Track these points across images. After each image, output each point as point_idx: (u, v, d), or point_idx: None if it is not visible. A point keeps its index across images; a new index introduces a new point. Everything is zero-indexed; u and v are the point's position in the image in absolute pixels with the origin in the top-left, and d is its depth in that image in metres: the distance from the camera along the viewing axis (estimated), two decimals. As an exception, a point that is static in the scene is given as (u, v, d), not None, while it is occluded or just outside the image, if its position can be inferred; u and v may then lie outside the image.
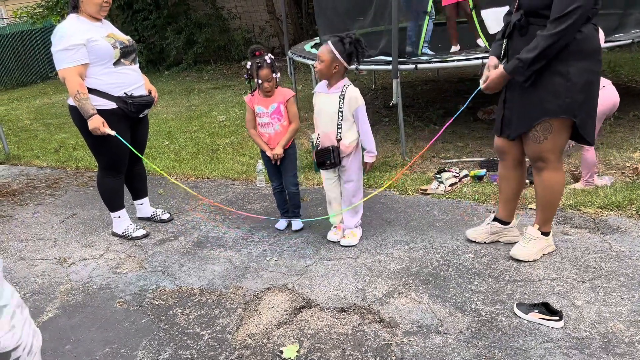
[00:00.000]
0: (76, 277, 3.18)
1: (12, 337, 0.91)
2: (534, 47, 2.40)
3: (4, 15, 19.37)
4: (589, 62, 2.46)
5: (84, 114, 3.14)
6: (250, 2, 12.56)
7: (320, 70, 2.99)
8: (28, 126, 8.12)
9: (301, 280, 2.86)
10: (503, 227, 3.02)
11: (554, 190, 2.72)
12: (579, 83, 2.45)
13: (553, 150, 2.62)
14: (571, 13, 2.30)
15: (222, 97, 8.77)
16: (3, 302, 0.90)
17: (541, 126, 2.58)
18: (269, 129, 3.25)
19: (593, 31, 2.46)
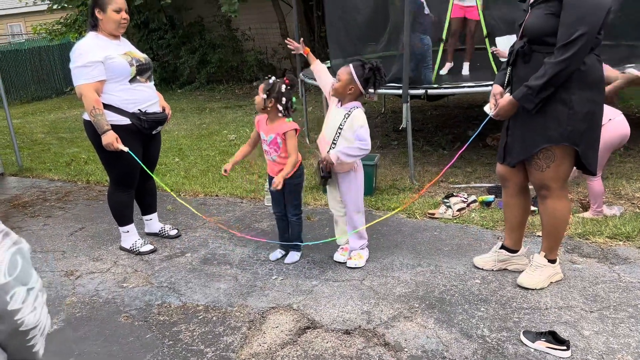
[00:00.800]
0: (83, 290, 3.19)
1: (33, 317, 1.01)
2: (542, 74, 2.41)
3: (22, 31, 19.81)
4: (592, 92, 2.48)
5: (99, 129, 3.20)
6: (264, 24, 12.77)
7: (336, 89, 3.03)
8: (41, 139, 8.23)
9: (306, 301, 2.86)
10: (511, 255, 3.00)
11: (558, 218, 2.72)
12: (581, 112, 2.47)
13: (556, 178, 2.62)
14: (577, 39, 2.32)
15: (233, 117, 8.86)
16: (31, 284, 0.99)
17: (543, 154, 2.59)
18: (268, 156, 3.24)
19: (596, 62, 2.48)
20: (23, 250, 1.00)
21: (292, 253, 3.38)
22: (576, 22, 2.32)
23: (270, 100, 3.07)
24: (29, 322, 0.99)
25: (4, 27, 20.12)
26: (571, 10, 2.34)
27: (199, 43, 12.76)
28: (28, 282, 0.98)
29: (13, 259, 0.96)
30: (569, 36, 2.33)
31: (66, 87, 14.80)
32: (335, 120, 3.06)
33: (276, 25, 12.27)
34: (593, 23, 2.33)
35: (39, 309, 1.02)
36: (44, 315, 1.04)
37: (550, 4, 2.43)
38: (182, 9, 13.13)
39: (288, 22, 11.87)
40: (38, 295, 1.01)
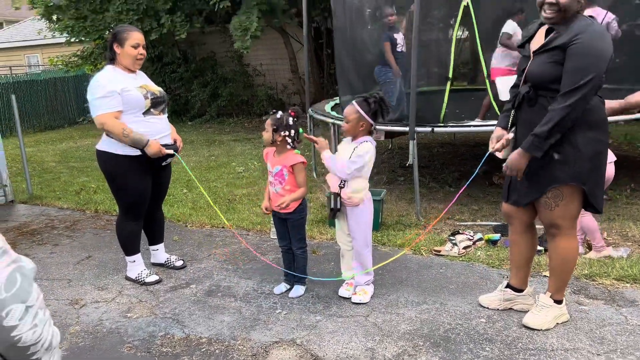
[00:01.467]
0: (87, 319, 3.20)
1: (32, 334, 1.02)
2: (547, 120, 2.46)
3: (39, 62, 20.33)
4: (597, 132, 2.54)
5: (139, 144, 3.27)
6: (275, 60, 13.05)
7: (347, 130, 3.10)
8: (52, 168, 8.35)
9: (310, 336, 2.84)
10: (516, 295, 2.98)
11: (567, 258, 2.73)
12: (588, 152, 2.52)
13: (565, 217, 2.65)
14: (584, 86, 2.38)
15: (241, 149, 8.97)
16: (30, 302, 1.02)
17: (552, 193, 2.62)
18: (272, 187, 3.27)
19: (599, 103, 2.55)
20: (23, 269, 1.03)
21: (296, 287, 3.38)
22: (581, 71, 2.39)
23: (279, 134, 3.12)
24: (27, 339, 1.01)
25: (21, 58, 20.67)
26: (576, 60, 2.41)
27: (210, 77, 13.03)
28: (27, 300, 1.01)
29: (11, 277, 0.99)
30: (573, 84, 2.39)
31: (79, 117, 15.07)
32: (345, 153, 3.12)
33: (287, 61, 12.54)
34: (598, 71, 2.40)
35: (40, 326, 1.03)
36: (46, 332, 1.06)
37: (553, 53, 2.49)
38: (196, 44, 13.48)
39: (298, 59, 12.13)
40: (38, 313, 1.03)
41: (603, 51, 2.41)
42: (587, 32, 2.40)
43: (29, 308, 1.01)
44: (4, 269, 0.99)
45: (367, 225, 3.20)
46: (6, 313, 0.97)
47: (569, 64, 2.43)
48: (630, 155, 6.86)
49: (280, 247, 3.42)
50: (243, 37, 9.90)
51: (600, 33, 2.44)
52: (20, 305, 0.99)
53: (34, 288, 1.04)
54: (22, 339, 1.00)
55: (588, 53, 2.39)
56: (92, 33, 11.19)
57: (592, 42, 2.40)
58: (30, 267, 1.06)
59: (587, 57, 2.39)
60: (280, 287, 3.42)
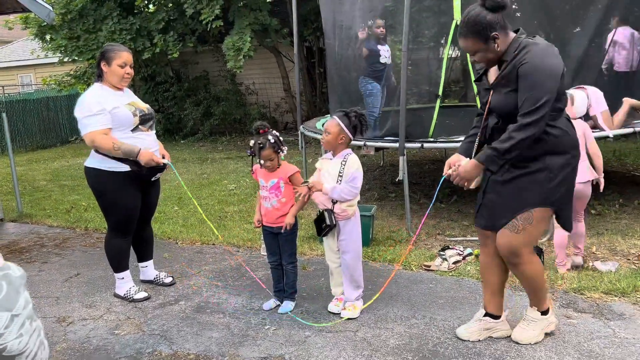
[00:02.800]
0: (74, 336, 3.16)
1: (18, 343, 1.01)
2: (507, 137, 2.44)
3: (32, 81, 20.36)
4: (567, 157, 2.53)
5: (131, 155, 3.28)
6: (268, 79, 13.17)
7: (328, 142, 3.13)
8: (43, 186, 8.32)
9: (299, 352, 2.83)
10: (495, 322, 2.85)
11: (535, 279, 2.70)
12: (558, 177, 2.52)
13: (526, 243, 2.61)
14: (540, 107, 2.36)
15: (234, 167, 8.98)
16: (15, 311, 1.01)
17: (523, 216, 2.57)
18: (266, 202, 3.27)
19: (568, 125, 2.55)
20: (10, 277, 1.02)
21: (286, 302, 3.37)
22: (533, 89, 2.37)
23: (279, 152, 3.19)
24: (13, 348, 1.00)
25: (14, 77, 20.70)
26: (527, 79, 2.39)
27: (203, 96, 13.10)
28: (12, 309, 1.00)
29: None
30: (531, 104, 2.38)
31: (71, 136, 15.07)
32: (333, 170, 3.14)
33: (279, 80, 12.65)
34: (550, 88, 2.38)
35: (25, 337, 1.02)
36: (32, 343, 1.04)
37: (509, 82, 2.48)
38: (189, 63, 13.58)
39: (291, 78, 12.24)
40: (25, 323, 1.02)
41: (552, 66, 2.40)
42: (531, 52, 2.40)
43: (14, 317, 1.00)
44: None
45: (359, 237, 3.22)
46: None
47: (521, 85, 2.42)
48: (619, 171, 6.93)
49: (270, 263, 3.41)
50: (236, 57, 10.00)
51: (544, 50, 2.42)
52: (6, 314, 0.99)
53: (21, 297, 1.02)
54: (7, 347, 0.99)
55: (536, 70, 2.38)
56: (85, 53, 11.26)
57: (539, 59, 2.38)
58: (17, 275, 1.04)
59: (536, 74, 2.38)
60: (270, 303, 3.41)
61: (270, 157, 3.18)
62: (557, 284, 3.50)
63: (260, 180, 3.30)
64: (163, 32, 11.07)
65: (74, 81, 12.65)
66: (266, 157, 3.17)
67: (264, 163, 3.19)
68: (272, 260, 3.39)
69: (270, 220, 3.27)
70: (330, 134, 3.10)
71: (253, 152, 3.21)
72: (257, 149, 3.16)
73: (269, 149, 3.14)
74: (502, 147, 2.44)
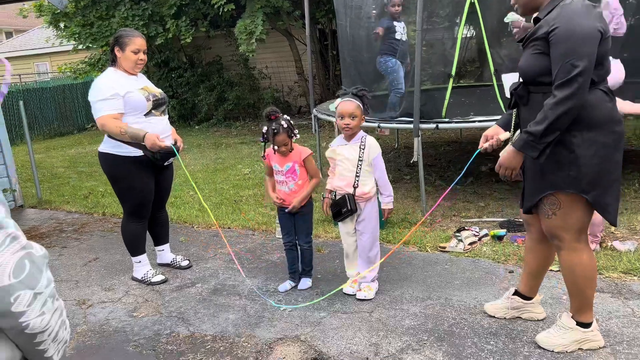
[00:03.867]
0: (93, 319, 3.22)
1: (40, 321, 1.03)
2: (542, 118, 2.19)
3: (48, 70, 20.56)
4: (597, 133, 2.22)
5: (137, 139, 3.28)
6: (281, 63, 13.10)
7: (355, 126, 3.09)
8: (61, 173, 8.43)
9: (314, 332, 2.84)
10: (525, 303, 2.78)
11: (576, 274, 2.40)
12: (586, 156, 2.22)
13: (565, 227, 2.34)
14: (576, 77, 2.11)
15: (248, 152, 9.00)
16: (38, 289, 1.02)
17: (549, 200, 2.34)
18: (283, 186, 3.30)
19: (602, 97, 2.24)
20: (33, 256, 1.04)
21: (304, 280, 3.44)
22: (568, 56, 2.12)
23: (292, 137, 3.22)
24: (35, 326, 1.02)
25: (31, 66, 20.92)
26: (560, 46, 2.15)
27: (217, 81, 13.10)
28: (35, 287, 1.01)
29: (20, 263, 1.00)
30: (565, 73, 2.13)
31: (87, 123, 15.22)
32: (352, 155, 3.12)
33: (292, 63, 12.58)
34: (587, 55, 2.11)
35: (47, 315, 1.04)
36: (54, 322, 1.06)
37: (536, 43, 2.26)
38: (202, 48, 13.56)
39: (304, 61, 12.16)
40: (47, 301, 1.04)
41: (587, 28, 2.11)
42: (563, 14, 2.15)
43: (37, 295, 1.02)
44: (13, 255, 1.00)
45: (377, 218, 3.24)
46: (14, 299, 0.99)
47: (554, 53, 2.17)
48: (639, 150, 6.79)
49: (285, 244, 3.43)
50: (248, 40, 9.95)
51: (579, 11, 2.14)
52: (29, 292, 1.00)
53: (43, 275, 1.04)
54: (30, 325, 1.01)
55: (570, 36, 2.12)
56: (99, 40, 11.30)
57: (571, 23, 2.12)
58: (40, 254, 1.06)
59: (569, 41, 2.12)
60: (285, 285, 3.44)
61: (285, 141, 3.19)
62: None
63: (275, 165, 3.31)
64: (175, 18, 11.04)
65: (88, 68, 12.74)
66: (280, 142, 3.18)
67: (279, 148, 3.20)
68: (287, 241, 3.40)
69: (287, 202, 3.31)
70: (357, 117, 3.07)
71: (266, 138, 3.23)
72: (271, 135, 3.17)
73: (283, 133, 3.16)
74: (538, 129, 2.19)
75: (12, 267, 0.99)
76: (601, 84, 2.26)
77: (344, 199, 3.13)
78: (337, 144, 3.24)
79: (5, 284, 0.98)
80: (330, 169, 3.29)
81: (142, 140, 3.28)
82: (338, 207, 3.17)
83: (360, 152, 3.09)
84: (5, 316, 0.99)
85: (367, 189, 3.13)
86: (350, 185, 3.12)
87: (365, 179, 3.12)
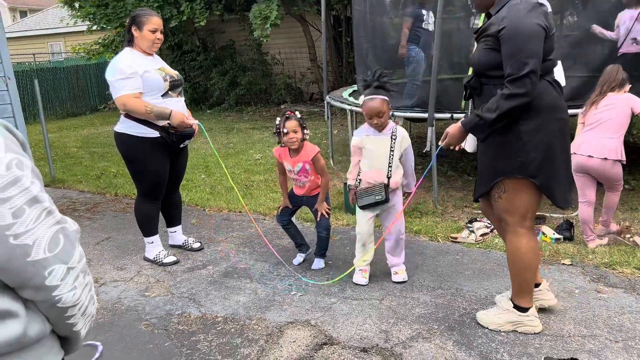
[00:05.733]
0: (106, 297, 3.26)
1: (72, 296, 1.04)
2: (495, 107, 2.29)
3: (62, 50, 20.61)
4: (543, 119, 2.33)
5: (163, 116, 3.30)
6: (294, 49, 13.03)
7: (383, 124, 3.08)
8: (74, 153, 8.49)
9: (324, 317, 2.86)
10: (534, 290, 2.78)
11: (516, 257, 2.51)
12: (532, 142, 2.33)
13: (510, 211, 2.46)
14: (527, 75, 2.22)
15: (259, 137, 9.00)
16: (71, 264, 1.03)
17: (497, 185, 2.47)
18: (297, 183, 3.45)
19: (547, 87, 2.35)
20: (67, 230, 1.04)
21: (317, 260, 3.54)
22: (517, 54, 2.23)
23: (304, 131, 3.29)
24: (67, 299, 1.03)
25: (45, 45, 20.98)
26: (508, 44, 2.26)
27: (229, 65, 13.06)
28: (68, 262, 1.02)
29: (55, 237, 1.01)
30: (517, 70, 2.24)
31: (100, 104, 15.28)
32: (384, 146, 3.12)
33: (305, 50, 12.51)
34: (535, 52, 2.23)
35: (79, 289, 1.05)
36: (85, 296, 1.07)
37: (488, 39, 2.36)
38: (215, 32, 13.51)
39: (317, 47, 12.09)
40: (79, 276, 1.05)
41: (530, 27, 2.22)
42: (510, 14, 2.26)
43: (70, 269, 1.02)
44: (48, 229, 1.00)
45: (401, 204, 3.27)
46: (49, 272, 0.99)
47: (504, 50, 2.28)
48: None
49: (280, 222, 3.57)
50: (263, 25, 9.89)
51: (524, 10, 2.24)
52: (62, 266, 1.01)
53: (76, 250, 1.05)
54: (62, 299, 1.02)
55: (517, 34, 2.23)
56: (114, 20, 11.28)
57: (518, 22, 2.23)
58: (74, 229, 1.07)
59: (517, 39, 2.23)
60: (298, 259, 3.61)
61: (295, 128, 3.22)
62: (587, 258, 3.44)
63: (287, 165, 3.39)
64: (190, 0, 11.00)
65: (102, 50, 12.75)
66: (291, 127, 3.21)
67: (288, 133, 3.22)
68: (282, 219, 3.54)
69: (304, 192, 3.45)
70: (385, 113, 3.05)
71: (279, 129, 3.29)
72: (283, 121, 3.25)
73: (295, 120, 3.24)
74: (489, 117, 2.31)
75: (47, 241, 0.99)
76: (547, 75, 2.38)
77: (378, 187, 3.11)
78: (364, 133, 3.17)
79: (41, 257, 0.98)
80: (353, 159, 3.26)
81: (168, 118, 3.29)
82: (367, 196, 3.14)
83: (392, 142, 3.09)
84: (39, 289, 1.00)
85: (398, 179, 3.16)
86: (383, 176, 3.12)
87: (395, 170, 3.14)
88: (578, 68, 5.12)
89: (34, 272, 0.98)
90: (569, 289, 3.04)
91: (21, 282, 0.99)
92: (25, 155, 1.05)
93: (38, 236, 0.98)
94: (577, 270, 3.30)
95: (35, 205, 1.00)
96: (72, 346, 1.18)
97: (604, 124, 3.54)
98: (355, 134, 3.22)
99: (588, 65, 4.91)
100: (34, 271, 0.98)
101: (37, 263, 0.98)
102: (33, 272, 0.98)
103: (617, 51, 4.83)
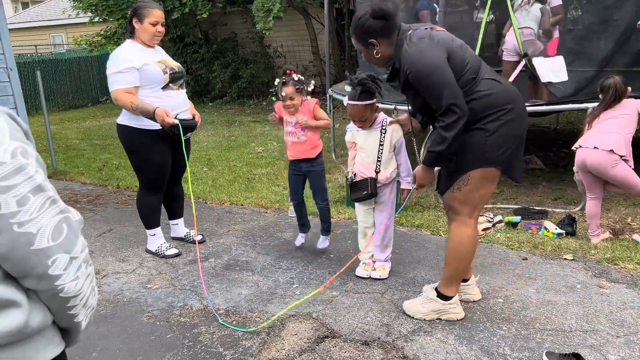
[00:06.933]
0: (108, 289, 3.26)
1: (74, 285, 1.04)
2: (441, 139, 2.37)
3: (64, 41, 20.57)
4: (498, 115, 2.41)
5: (147, 114, 3.28)
6: (296, 42, 12.98)
7: (368, 123, 3.06)
8: (76, 145, 8.49)
9: (326, 310, 2.86)
10: (462, 285, 2.82)
11: (458, 246, 2.59)
12: (495, 135, 2.42)
13: (465, 202, 2.53)
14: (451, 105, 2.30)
15: (261, 130, 8.99)
16: (74, 254, 1.03)
17: (460, 177, 2.52)
18: (292, 137, 3.42)
19: (488, 84, 2.43)
20: (70, 220, 1.04)
21: (323, 240, 3.60)
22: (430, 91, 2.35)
23: (303, 91, 3.30)
24: (69, 289, 1.03)
25: (46, 37, 20.93)
26: (419, 86, 2.38)
27: (231, 58, 13.02)
28: (71, 251, 1.02)
29: (58, 226, 1.01)
30: (437, 104, 2.35)
31: (102, 96, 15.26)
32: (373, 139, 3.10)
33: (308, 43, 12.46)
34: (442, 83, 2.31)
35: (81, 279, 1.05)
36: (86, 287, 1.07)
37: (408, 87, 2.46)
38: (217, 24, 13.46)
39: (319, 41, 12.04)
40: (81, 266, 1.05)
41: (431, 62, 2.32)
42: (406, 61, 2.37)
43: (73, 259, 1.02)
44: (52, 218, 1.00)
45: (394, 198, 3.25)
46: (52, 261, 0.99)
47: (420, 91, 2.41)
48: None
49: (292, 201, 3.62)
50: (265, 18, 9.84)
51: (417, 51, 2.35)
52: (65, 255, 1.01)
53: (79, 240, 1.05)
54: (65, 289, 1.02)
55: (419, 78, 2.35)
56: (116, 12, 11.25)
57: (414, 68, 2.35)
58: (77, 219, 1.07)
59: (423, 80, 2.35)
60: (300, 240, 3.66)
61: (291, 95, 3.25)
62: (589, 253, 3.44)
63: (285, 117, 3.41)
64: (192, -8, 10.96)
65: (104, 41, 12.71)
66: (287, 94, 3.24)
67: (285, 102, 3.28)
68: (294, 199, 3.58)
69: (296, 154, 3.43)
70: (367, 118, 3.02)
71: (276, 92, 3.33)
72: (280, 86, 3.27)
73: (291, 86, 3.24)
74: (440, 149, 2.39)
75: (50, 230, 0.99)
76: (482, 77, 2.44)
77: (365, 182, 3.11)
78: (354, 128, 3.18)
79: (44, 246, 0.98)
80: (350, 154, 3.26)
81: (152, 116, 3.27)
82: (358, 189, 3.15)
83: (381, 136, 3.07)
84: (42, 278, 1.00)
85: (388, 173, 3.12)
86: (372, 170, 3.10)
87: (385, 163, 3.11)
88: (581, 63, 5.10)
89: (37, 260, 0.98)
90: (570, 284, 3.04)
91: (24, 271, 0.98)
92: (30, 143, 1.04)
93: (42, 225, 0.98)
94: (579, 265, 3.29)
95: (40, 193, 0.99)
96: (72, 338, 1.18)
97: (613, 120, 3.56)
98: (347, 130, 3.24)
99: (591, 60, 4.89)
100: (37, 260, 0.98)
101: (41, 252, 0.98)
102: (36, 261, 0.98)
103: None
